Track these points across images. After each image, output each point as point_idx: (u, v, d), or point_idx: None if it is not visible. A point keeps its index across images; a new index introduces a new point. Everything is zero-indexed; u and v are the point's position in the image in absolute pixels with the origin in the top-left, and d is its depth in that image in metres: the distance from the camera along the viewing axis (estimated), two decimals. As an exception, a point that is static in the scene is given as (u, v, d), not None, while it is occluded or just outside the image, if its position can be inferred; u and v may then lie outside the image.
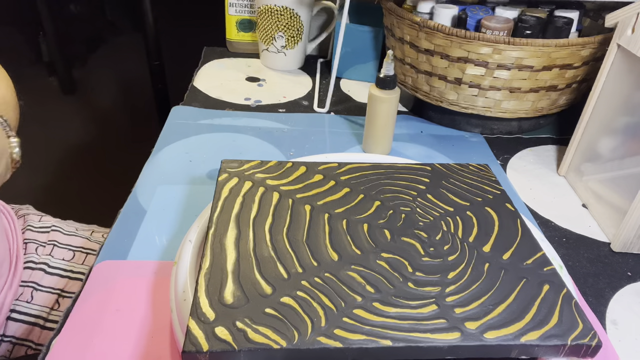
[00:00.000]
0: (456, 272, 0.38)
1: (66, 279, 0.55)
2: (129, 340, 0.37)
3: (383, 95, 0.59)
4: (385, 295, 0.35)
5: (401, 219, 0.43)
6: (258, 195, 0.45)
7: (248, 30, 0.91)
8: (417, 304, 0.35)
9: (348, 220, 0.43)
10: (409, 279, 0.37)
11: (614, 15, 0.53)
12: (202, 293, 0.34)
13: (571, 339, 0.33)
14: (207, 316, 0.33)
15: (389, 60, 0.58)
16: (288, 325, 0.32)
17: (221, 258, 0.37)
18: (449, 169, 0.51)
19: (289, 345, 0.31)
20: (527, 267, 0.39)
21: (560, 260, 0.44)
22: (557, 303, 0.36)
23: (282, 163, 0.49)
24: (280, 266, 0.37)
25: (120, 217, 0.50)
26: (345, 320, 0.33)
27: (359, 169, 0.50)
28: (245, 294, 0.35)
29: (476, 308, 0.35)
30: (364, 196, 0.46)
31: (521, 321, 0.34)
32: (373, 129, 0.61)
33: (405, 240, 0.41)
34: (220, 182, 0.46)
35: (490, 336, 0.33)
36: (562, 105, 0.68)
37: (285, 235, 0.40)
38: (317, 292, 0.35)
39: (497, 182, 0.49)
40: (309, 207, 0.44)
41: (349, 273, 0.37)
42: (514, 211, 0.45)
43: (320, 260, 0.38)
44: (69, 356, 0.36)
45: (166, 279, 0.43)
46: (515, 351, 0.33)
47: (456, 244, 0.41)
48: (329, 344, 0.31)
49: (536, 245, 0.41)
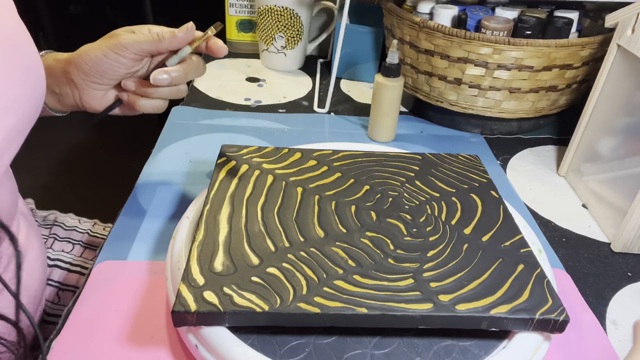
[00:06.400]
0: (435, 251, 0.40)
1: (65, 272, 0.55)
2: (129, 340, 0.37)
3: (388, 83, 0.61)
4: (366, 269, 0.38)
5: (388, 202, 0.46)
6: (253, 177, 0.47)
7: (248, 31, 0.91)
8: (394, 278, 0.37)
9: (337, 202, 0.45)
10: (389, 256, 0.39)
11: (614, 15, 0.53)
12: (194, 261, 0.37)
13: (539, 313, 0.35)
14: (197, 282, 0.35)
15: (394, 49, 0.60)
16: (271, 292, 0.35)
17: (214, 232, 0.40)
18: (439, 158, 0.53)
19: (271, 310, 0.33)
20: (505, 249, 0.41)
21: (540, 245, 0.45)
22: (530, 281, 0.37)
23: (279, 149, 0.52)
24: (269, 240, 0.40)
25: (120, 217, 0.50)
26: (325, 289, 0.35)
27: (352, 156, 0.52)
28: (234, 263, 0.37)
29: (451, 283, 0.37)
30: (354, 181, 0.48)
31: (492, 295, 0.36)
32: (378, 115, 0.64)
33: (390, 222, 0.43)
34: (219, 164, 0.48)
35: (461, 308, 0.35)
36: (562, 106, 0.68)
37: (276, 214, 0.43)
38: (301, 264, 0.37)
39: (485, 171, 0.51)
40: (300, 189, 0.46)
41: (333, 249, 0.39)
42: (498, 198, 0.47)
43: (307, 236, 0.40)
44: (69, 356, 0.36)
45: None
46: (485, 323, 0.35)
47: (438, 226, 0.43)
48: (308, 309, 0.34)
49: (516, 229, 0.43)
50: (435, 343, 0.36)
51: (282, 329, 0.35)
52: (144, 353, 0.37)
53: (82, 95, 0.45)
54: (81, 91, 0.45)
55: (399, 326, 0.35)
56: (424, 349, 0.35)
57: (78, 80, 0.44)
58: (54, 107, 0.48)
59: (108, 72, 0.43)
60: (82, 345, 0.37)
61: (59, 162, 1.73)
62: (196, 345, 0.34)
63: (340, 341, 0.35)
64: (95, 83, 0.44)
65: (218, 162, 0.49)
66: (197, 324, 0.34)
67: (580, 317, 0.43)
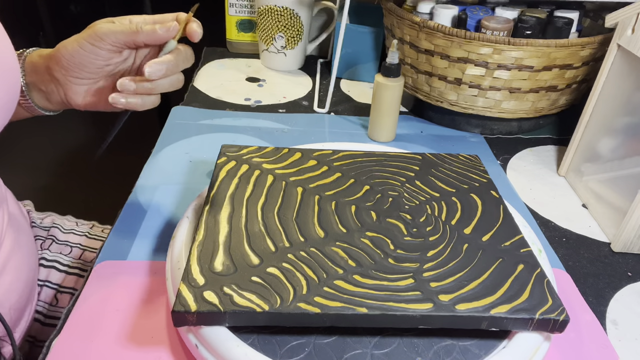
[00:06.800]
0: (435, 251, 0.40)
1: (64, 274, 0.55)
2: (129, 340, 0.37)
3: (388, 83, 0.61)
4: (366, 269, 0.38)
5: (388, 202, 0.46)
6: (253, 177, 0.47)
7: (248, 31, 0.91)
8: (394, 277, 0.37)
9: (337, 202, 0.45)
10: (389, 255, 0.39)
11: (614, 15, 0.53)
12: (194, 261, 0.37)
13: (539, 313, 0.35)
14: (197, 281, 0.35)
15: (394, 49, 0.60)
16: (272, 292, 0.35)
17: (214, 231, 0.40)
18: (439, 158, 0.53)
19: (271, 309, 0.33)
20: (505, 248, 0.41)
21: (540, 245, 0.45)
22: (530, 281, 0.37)
23: (279, 149, 0.52)
24: (269, 240, 0.40)
25: (120, 217, 0.50)
26: (325, 289, 0.35)
27: (352, 156, 0.52)
28: (234, 263, 0.37)
29: (451, 283, 0.37)
30: (354, 181, 0.48)
31: (492, 295, 0.36)
32: (379, 115, 0.64)
33: (390, 221, 0.43)
34: (219, 164, 0.48)
35: (461, 308, 0.35)
36: (562, 106, 0.68)
37: (276, 214, 0.43)
38: (301, 264, 0.37)
39: (485, 171, 0.51)
40: (301, 189, 0.46)
41: (333, 248, 0.39)
42: (498, 198, 0.47)
43: (307, 236, 0.40)
44: (69, 356, 0.36)
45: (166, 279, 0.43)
46: (485, 323, 0.35)
47: (438, 226, 0.43)
48: (308, 309, 0.34)
49: (516, 229, 0.43)
50: (435, 343, 0.36)
51: (282, 329, 0.35)
52: (144, 353, 0.37)
53: (66, 92, 0.44)
54: (64, 87, 0.44)
55: (399, 326, 0.35)
56: (424, 348, 0.35)
57: (59, 75, 0.43)
58: (44, 106, 0.47)
59: (86, 65, 0.42)
60: (82, 345, 0.37)
61: (59, 162, 1.73)
62: (196, 345, 0.34)
63: (340, 341, 0.35)
64: (75, 77, 0.43)
65: (218, 162, 0.49)
66: (197, 324, 0.34)
67: (580, 317, 0.43)
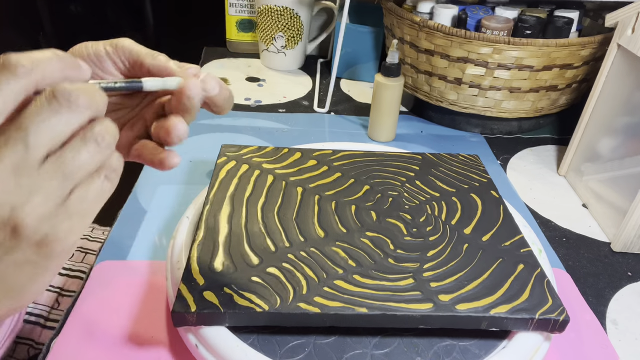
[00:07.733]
0: (435, 251, 0.40)
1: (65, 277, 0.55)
2: (129, 340, 0.37)
3: (388, 83, 0.61)
4: (366, 269, 0.38)
5: (388, 202, 0.46)
6: (253, 177, 0.47)
7: (248, 30, 0.91)
8: (394, 277, 0.37)
9: (337, 202, 0.45)
10: (389, 255, 0.39)
11: (614, 15, 0.53)
12: (194, 261, 0.37)
13: (539, 313, 0.35)
14: (197, 281, 0.35)
15: (394, 49, 0.60)
16: (271, 292, 0.35)
17: (214, 231, 0.40)
18: (439, 158, 0.53)
19: (271, 309, 0.33)
20: (505, 248, 0.41)
21: (540, 245, 0.45)
22: (530, 281, 0.38)
23: (279, 149, 0.52)
24: (269, 240, 0.40)
25: (120, 217, 0.50)
26: (325, 289, 0.35)
27: (351, 155, 0.52)
28: (234, 263, 0.37)
29: (451, 283, 0.37)
30: (354, 180, 0.48)
31: (492, 295, 0.36)
32: (378, 115, 0.64)
33: (390, 221, 0.43)
34: (219, 164, 0.48)
35: (461, 308, 0.35)
36: (562, 105, 0.68)
37: (276, 214, 0.43)
38: (301, 264, 0.37)
39: (485, 171, 0.51)
40: (300, 189, 0.46)
41: (333, 248, 0.39)
42: (498, 198, 0.47)
43: (307, 236, 0.40)
44: (69, 356, 0.36)
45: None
46: (485, 323, 0.35)
47: (438, 226, 0.43)
48: (308, 309, 0.34)
49: (516, 229, 0.43)
50: (435, 343, 0.36)
51: (282, 329, 0.35)
52: (144, 353, 0.37)
53: None
54: None
55: (399, 326, 0.35)
56: (424, 348, 0.35)
57: None
58: None
59: None
60: (82, 345, 0.37)
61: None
62: (196, 345, 0.34)
63: (340, 341, 0.35)
64: None
65: (218, 162, 0.49)
66: (197, 324, 0.34)
67: (580, 317, 0.43)
